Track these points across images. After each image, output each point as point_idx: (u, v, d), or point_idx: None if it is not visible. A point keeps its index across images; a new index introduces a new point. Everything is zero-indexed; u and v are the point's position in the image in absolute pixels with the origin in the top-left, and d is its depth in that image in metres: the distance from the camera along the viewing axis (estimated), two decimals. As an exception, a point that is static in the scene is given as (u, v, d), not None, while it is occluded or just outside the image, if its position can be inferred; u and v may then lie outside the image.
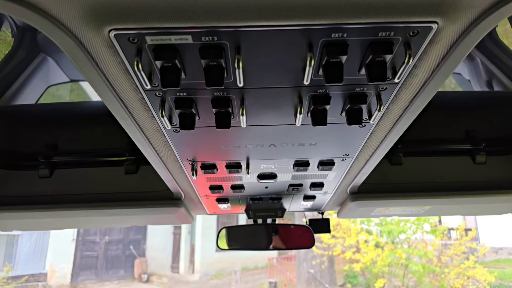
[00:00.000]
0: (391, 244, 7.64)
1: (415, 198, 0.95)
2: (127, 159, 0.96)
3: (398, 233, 7.50)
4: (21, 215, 0.95)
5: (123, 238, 12.30)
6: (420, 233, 7.64)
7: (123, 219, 1.10)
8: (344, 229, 8.24)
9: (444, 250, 7.70)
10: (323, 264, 8.75)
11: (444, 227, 7.79)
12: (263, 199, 0.99)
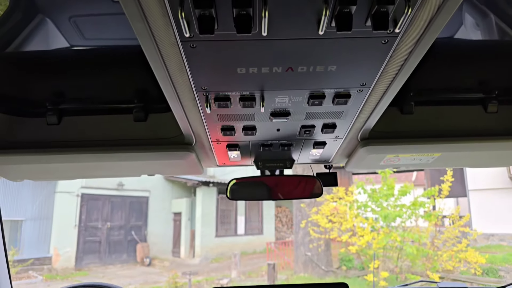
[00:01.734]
0: (386, 228, 7.80)
1: (425, 144, 0.94)
2: (135, 106, 0.93)
3: (394, 217, 7.65)
4: (30, 159, 0.94)
5: (124, 224, 12.48)
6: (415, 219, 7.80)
7: (134, 166, 1.06)
8: (341, 214, 8.39)
9: (438, 234, 7.90)
10: (320, 247, 8.91)
11: (438, 211, 7.97)
12: (273, 146, 0.97)
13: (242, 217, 14.08)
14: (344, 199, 8.25)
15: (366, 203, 7.83)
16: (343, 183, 12.30)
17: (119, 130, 0.96)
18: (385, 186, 7.65)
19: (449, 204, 9.43)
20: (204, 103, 0.76)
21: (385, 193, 7.58)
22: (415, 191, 9.63)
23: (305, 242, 9.15)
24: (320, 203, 8.67)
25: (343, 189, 8.22)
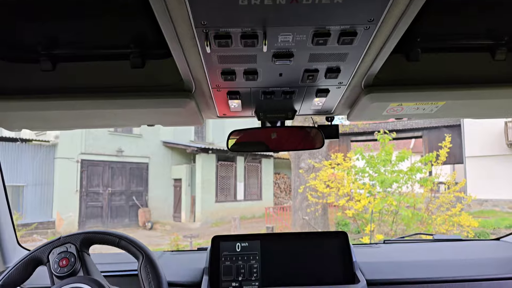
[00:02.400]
0: (383, 193, 7.92)
1: (430, 91, 0.92)
2: (132, 52, 0.89)
3: (390, 182, 7.74)
4: (25, 105, 0.91)
5: (125, 190, 12.67)
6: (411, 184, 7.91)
7: (132, 115, 1.03)
8: (339, 179, 8.50)
9: (433, 199, 8.05)
10: (317, 212, 9.11)
11: (434, 177, 8.06)
12: (275, 94, 0.94)
13: (241, 183, 14.28)
14: (342, 165, 8.33)
15: (364, 169, 7.91)
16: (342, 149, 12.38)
17: (116, 77, 0.92)
18: (383, 152, 7.69)
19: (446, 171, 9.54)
20: (204, 41, 0.72)
21: (383, 158, 7.63)
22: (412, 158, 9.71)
23: (302, 207, 9.35)
24: (318, 169, 8.75)
25: (341, 155, 8.27)
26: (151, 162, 13.36)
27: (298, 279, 1.11)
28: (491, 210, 12.47)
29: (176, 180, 13.67)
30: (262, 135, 1.13)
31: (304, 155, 9.70)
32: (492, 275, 1.20)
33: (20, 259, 0.97)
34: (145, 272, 0.96)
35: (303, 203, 9.29)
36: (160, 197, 13.37)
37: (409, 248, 1.47)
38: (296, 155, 9.66)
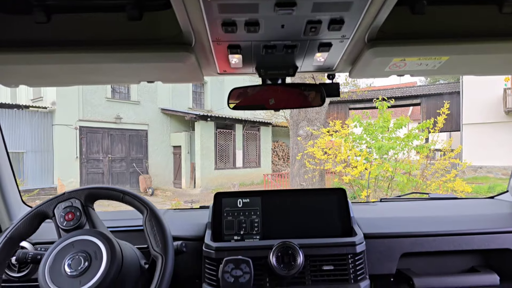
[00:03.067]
0: (379, 159, 8.01)
1: (434, 45, 0.89)
2: (128, 3, 0.85)
3: (387, 149, 7.80)
4: (21, 58, 0.88)
5: (125, 157, 12.77)
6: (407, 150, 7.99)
7: (131, 70, 1.00)
8: (337, 146, 8.55)
9: (429, 165, 8.16)
10: (314, 178, 9.26)
11: (430, 143, 8.13)
12: (277, 48, 0.92)
13: (240, 151, 14.39)
14: (340, 132, 8.36)
15: (361, 136, 7.96)
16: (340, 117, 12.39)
17: (113, 29, 0.89)
18: (381, 119, 7.70)
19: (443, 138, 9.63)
20: None
21: (381, 125, 7.65)
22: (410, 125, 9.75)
23: (300, 174, 9.50)
24: (316, 136, 8.80)
25: (339, 123, 8.29)
26: (150, 129, 13.37)
27: (298, 232, 1.13)
28: (485, 177, 12.70)
29: (175, 147, 13.75)
30: (263, 92, 1.12)
31: (303, 122, 9.70)
32: (485, 229, 1.22)
33: (26, 213, 0.98)
34: (150, 225, 0.97)
35: (301, 170, 9.43)
36: (160, 164, 13.51)
37: (405, 206, 1.49)
38: (295, 122, 9.65)
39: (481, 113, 13.03)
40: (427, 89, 15.37)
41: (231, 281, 0.94)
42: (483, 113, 13.02)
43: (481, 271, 1.24)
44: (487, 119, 12.96)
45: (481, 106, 13.06)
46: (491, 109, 12.97)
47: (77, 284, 0.85)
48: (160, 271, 0.91)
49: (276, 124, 15.37)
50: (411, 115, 15.81)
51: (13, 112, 10.74)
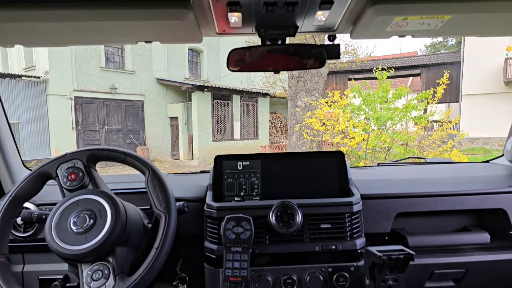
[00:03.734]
0: (377, 130, 8.01)
1: (437, 2, 0.87)
2: None
3: (385, 120, 7.78)
4: (14, 15, 0.87)
5: (121, 128, 12.70)
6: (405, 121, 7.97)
7: (128, 28, 0.98)
8: (335, 117, 8.53)
9: (426, 136, 8.19)
10: (312, 149, 9.30)
11: (429, 114, 8.11)
12: (277, 5, 0.90)
13: (237, 122, 14.34)
14: (338, 102, 8.31)
15: (359, 106, 7.91)
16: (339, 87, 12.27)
17: None
18: (380, 89, 7.63)
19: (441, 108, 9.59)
20: None
21: (380, 95, 7.59)
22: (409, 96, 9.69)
23: (298, 145, 9.52)
24: (314, 107, 8.74)
25: (338, 93, 8.22)
26: (146, 100, 13.22)
27: (297, 193, 1.15)
28: (481, 148, 12.81)
29: (172, 118, 13.66)
30: (263, 53, 1.09)
31: (301, 93, 9.61)
32: (479, 190, 1.25)
33: (29, 174, 0.99)
34: (152, 185, 0.99)
35: (299, 141, 9.44)
36: (157, 136, 13.48)
37: (402, 169, 1.51)
38: (293, 93, 9.56)
39: (480, 83, 12.94)
40: (427, 58, 15.16)
41: (232, 238, 0.97)
42: (482, 84, 12.93)
43: (473, 230, 1.28)
44: (487, 89, 12.89)
45: (481, 76, 12.95)
46: (491, 79, 12.87)
47: (83, 240, 0.87)
48: (164, 229, 0.93)
49: (274, 95, 15.22)
50: (411, 86, 15.66)
51: (5, 82, 10.54)
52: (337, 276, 1.05)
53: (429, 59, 15.02)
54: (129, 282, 0.86)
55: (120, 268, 0.90)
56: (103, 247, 0.87)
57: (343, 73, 15.26)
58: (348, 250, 1.07)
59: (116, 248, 0.90)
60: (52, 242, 0.88)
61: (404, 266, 0.91)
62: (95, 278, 0.87)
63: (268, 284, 1.04)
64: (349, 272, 1.06)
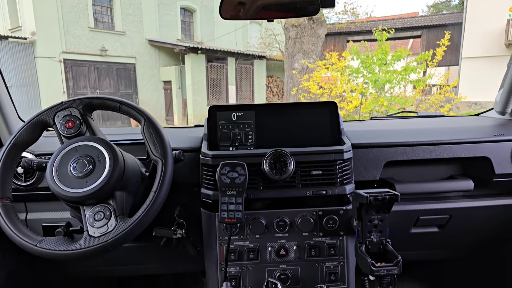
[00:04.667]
0: (375, 93, 7.93)
1: None
2: None
3: (383, 83, 7.69)
4: None
5: (114, 92, 12.47)
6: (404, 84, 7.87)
7: None
8: (332, 81, 8.42)
9: (424, 100, 8.12)
10: (309, 113, 9.21)
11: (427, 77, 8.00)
12: None
13: (233, 86, 14.11)
14: (336, 64, 8.13)
15: (358, 69, 7.76)
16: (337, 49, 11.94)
17: None
18: (379, 50, 7.44)
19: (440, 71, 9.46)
20: None
21: (379, 57, 7.41)
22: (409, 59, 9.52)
23: (294, 108, 9.42)
24: (312, 70, 8.58)
25: (336, 55, 8.03)
26: (137, 62, 12.89)
27: (290, 142, 1.18)
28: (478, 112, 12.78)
29: (165, 82, 13.41)
30: (256, 0, 1.09)
31: (298, 55, 9.40)
32: (465, 139, 1.30)
33: (27, 121, 1.00)
34: (148, 133, 1.00)
35: (295, 105, 9.32)
36: (150, 100, 13.28)
37: (395, 122, 1.54)
38: (290, 55, 9.38)
39: (481, 46, 12.70)
40: (429, 19, 14.78)
41: (227, 182, 1.02)
42: (483, 46, 12.69)
43: (458, 178, 1.34)
44: (487, 52, 12.65)
45: (482, 39, 12.69)
46: (492, 42, 12.62)
47: (84, 184, 0.91)
48: (161, 174, 0.96)
49: (270, 57, 14.88)
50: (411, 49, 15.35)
51: (-10, 44, 10.16)
52: (327, 219, 1.12)
53: (430, 20, 14.65)
54: (130, 222, 0.91)
55: (121, 210, 0.94)
56: (103, 190, 0.91)
57: (342, 35, 14.86)
58: (338, 195, 1.12)
59: (115, 192, 0.95)
60: (54, 185, 0.92)
61: (389, 206, 0.95)
62: (97, 218, 0.92)
63: (261, 226, 1.10)
64: (338, 215, 1.12)
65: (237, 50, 13.72)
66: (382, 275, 0.90)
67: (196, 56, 12.47)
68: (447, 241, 1.48)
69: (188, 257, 1.39)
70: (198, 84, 12.72)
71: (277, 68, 15.86)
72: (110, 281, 1.79)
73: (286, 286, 1.10)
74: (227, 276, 1.09)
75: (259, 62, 14.80)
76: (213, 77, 13.42)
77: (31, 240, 0.94)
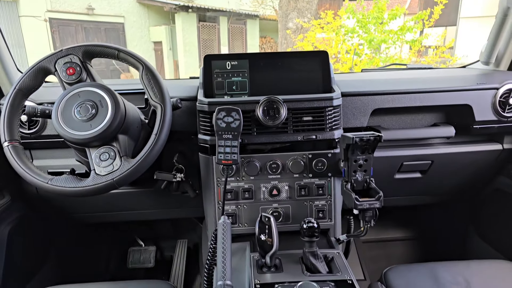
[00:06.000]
0: (369, 54, 7.85)
1: None
2: None
3: (379, 43, 7.59)
4: None
5: (104, 54, 12.15)
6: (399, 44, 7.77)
7: None
8: (327, 41, 8.28)
9: (419, 60, 8.06)
10: (303, 74, 9.14)
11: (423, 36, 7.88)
12: None
13: (225, 47, 13.80)
14: (331, 24, 7.95)
15: (353, 29, 7.62)
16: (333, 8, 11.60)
17: None
18: (376, 8, 7.27)
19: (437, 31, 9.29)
20: None
21: (374, 15, 7.25)
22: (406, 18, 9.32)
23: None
24: (306, 29, 8.38)
25: (331, 13, 7.83)
26: (126, 22, 12.42)
27: (283, 90, 1.21)
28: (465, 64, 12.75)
29: (156, 43, 13.03)
30: None
31: (292, 13, 9.16)
32: (448, 87, 1.35)
33: (29, 68, 1.03)
34: (146, 79, 1.04)
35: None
36: (141, 61, 12.97)
37: (385, 74, 1.58)
38: (284, 13, 9.14)
39: (481, 5, 12.41)
40: (428, -23, 14.27)
41: (223, 126, 1.08)
42: (483, 5, 12.41)
43: (440, 125, 1.41)
44: (488, 12, 12.39)
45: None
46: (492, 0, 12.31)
47: (89, 127, 0.96)
48: (161, 118, 1.01)
49: (263, 17, 14.43)
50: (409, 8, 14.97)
51: (-31, 1, 9.68)
52: (316, 161, 1.19)
53: (429, -23, 14.16)
54: (133, 162, 0.97)
55: (124, 152, 1.01)
56: (107, 133, 0.96)
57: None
58: (327, 140, 1.19)
59: (118, 135, 1.00)
60: (61, 129, 0.97)
61: (373, 147, 1.01)
62: (103, 158, 0.98)
63: (255, 168, 1.17)
64: (327, 158, 1.19)
65: (229, 9, 13.26)
66: (365, 208, 0.97)
67: (187, 15, 12.05)
68: (429, 186, 1.57)
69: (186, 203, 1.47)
70: (190, 45, 12.41)
71: (270, 29, 15.43)
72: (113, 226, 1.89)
73: (278, 222, 1.18)
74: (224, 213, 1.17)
75: (252, 22, 14.37)
76: (205, 38, 13.07)
77: (42, 178, 0.99)
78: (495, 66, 1.53)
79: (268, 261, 0.96)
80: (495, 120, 1.37)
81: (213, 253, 1.05)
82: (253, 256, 1.04)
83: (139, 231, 1.97)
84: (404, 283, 1.08)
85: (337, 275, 0.94)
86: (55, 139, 1.30)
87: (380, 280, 1.15)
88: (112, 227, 1.90)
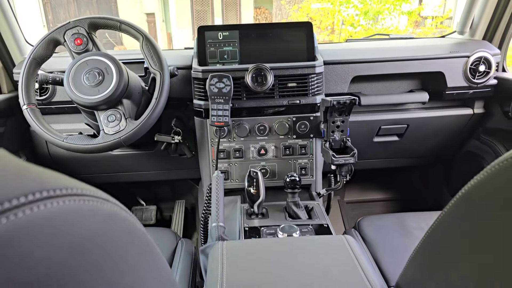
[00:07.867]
0: (365, 26, 7.76)
1: None
2: None
3: (375, 14, 7.48)
4: None
5: (96, 26, 11.88)
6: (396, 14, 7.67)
7: None
8: (322, 12, 8.16)
9: (415, 31, 7.99)
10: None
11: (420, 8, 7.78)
12: None
13: (219, 18, 13.50)
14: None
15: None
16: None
17: None
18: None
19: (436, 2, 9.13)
20: None
21: (371, -16, 7.11)
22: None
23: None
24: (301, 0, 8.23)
25: (327, -17, 7.67)
26: (118, -8, 12.08)
27: (270, 58, 1.30)
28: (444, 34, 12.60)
29: (148, 14, 12.71)
30: None
31: (287, -17, 8.94)
32: (423, 56, 1.43)
33: (41, 39, 1.13)
34: (147, 49, 1.15)
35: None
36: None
37: (368, 44, 1.65)
38: (279, -17, 8.88)
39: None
40: None
41: (215, 91, 1.19)
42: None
43: (416, 91, 1.51)
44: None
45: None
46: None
47: (97, 92, 1.08)
48: (160, 83, 1.13)
49: (258, -13, 14.04)
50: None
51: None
52: (299, 124, 1.30)
53: None
54: (137, 123, 1.10)
55: (129, 114, 1.12)
56: (113, 97, 1.08)
57: (335, -39, 13.92)
58: (310, 104, 1.29)
59: (123, 99, 1.11)
60: (72, 94, 1.07)
61: (349, 109, 1.11)
62: (110, 120, 1.10)
63: (245, 130, 1.29)
64: (309, 120, 1.31)
65: (223, -21, 12.87)
66: (341, 164, 1.10)
67: (180, -15, 11.73)
68: (406, 149, 1.68)
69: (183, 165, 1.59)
70: (183, 17, 12.16)
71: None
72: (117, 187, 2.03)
73: (265, 178, 1.32)
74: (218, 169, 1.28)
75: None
76: (198, 9, 12.78)
77: (58, 137, 1.12)
78: (470, 35, 1.60)
79: (256, 210, 1.10)
80: (465, 86, 1.47)
81: (208, 203, 1.18)
82: (243, 206, 1.18)
83: (140, 193, 2.11)
84: (374, 229, 1.22)
85: (315, 220, 1.08)
86: (63, 105, 1.42)
87: (354, 227, 1.29)
88: (116, 188, 2.04)
